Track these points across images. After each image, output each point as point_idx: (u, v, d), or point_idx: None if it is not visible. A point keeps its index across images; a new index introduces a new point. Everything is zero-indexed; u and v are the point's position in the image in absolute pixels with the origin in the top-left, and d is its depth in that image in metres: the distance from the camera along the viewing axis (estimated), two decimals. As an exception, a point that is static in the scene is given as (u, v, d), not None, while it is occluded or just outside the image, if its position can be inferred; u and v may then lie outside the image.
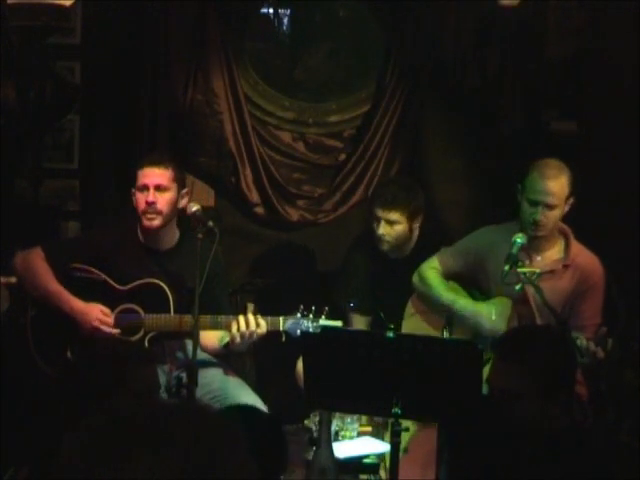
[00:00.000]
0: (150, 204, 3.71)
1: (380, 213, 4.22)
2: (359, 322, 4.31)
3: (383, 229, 4.21)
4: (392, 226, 4.21)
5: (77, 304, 3.70)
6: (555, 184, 3.71)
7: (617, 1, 4.70)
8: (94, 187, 5.07)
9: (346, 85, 5.29)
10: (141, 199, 3.74)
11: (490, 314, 3.78)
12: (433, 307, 3.97)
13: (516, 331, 3.26)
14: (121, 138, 5.06)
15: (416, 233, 4.32)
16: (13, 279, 4.02)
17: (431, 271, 3.99)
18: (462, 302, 3.87)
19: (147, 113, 5.04)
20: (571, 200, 3.77)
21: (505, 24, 4.93)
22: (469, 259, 3.97)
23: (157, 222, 3.75)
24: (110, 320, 3.68)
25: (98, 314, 3.67)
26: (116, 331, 3.69)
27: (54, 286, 3.73)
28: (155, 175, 3.74)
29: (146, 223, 3.75)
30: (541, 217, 3.71)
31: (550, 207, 3.71)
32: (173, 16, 4.96)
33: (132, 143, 5.03)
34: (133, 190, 3.81)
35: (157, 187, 3.73)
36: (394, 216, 4.19)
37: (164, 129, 5.06)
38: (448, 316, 3.70)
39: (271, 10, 5.32)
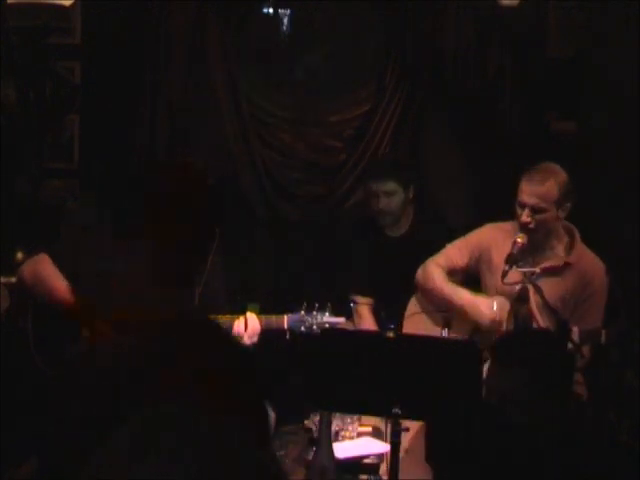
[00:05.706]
0: None
1: (376, 187, 4.35)
2: (363, 306, 4.38)
3: (382, 203, 4.33)
4: (390, 197, 4.33)
5: None
6: (540, 188, 3.66)
7: (617, 1, 4.70)
8: (94, 187, 5.07)
9: (346, 85, 5.29)
10: None
11: (491, 305, 3.78)
12: (434, 304, 3.98)
13: (513, 334, 3.26)
14: (121, 138, 5.06)
15: (410, 206, 4.42)
16: (13, 279, 4.00)
17: (435, 267, 3.99)
18: (462, 293, 3.87)
19: (147, 113, 5.04)
20: (567, 205, 3.71)
21: (505, 24, 4.93)
22: (474, 254, 3.97)
23: None
24: None
25: None
26: None
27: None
28: None
29: None
30: (527, 219, 3.67)
31: (537, 210, 3.67)
32: (173, 16, 4.96)
33: (132, 143, 5.03)
34: None
35: None
36: (391, 186, 4.32)
37: (164, 128, 5.06)
38: (445, 317, 3.74)
39: (271, 10, 5.32)
